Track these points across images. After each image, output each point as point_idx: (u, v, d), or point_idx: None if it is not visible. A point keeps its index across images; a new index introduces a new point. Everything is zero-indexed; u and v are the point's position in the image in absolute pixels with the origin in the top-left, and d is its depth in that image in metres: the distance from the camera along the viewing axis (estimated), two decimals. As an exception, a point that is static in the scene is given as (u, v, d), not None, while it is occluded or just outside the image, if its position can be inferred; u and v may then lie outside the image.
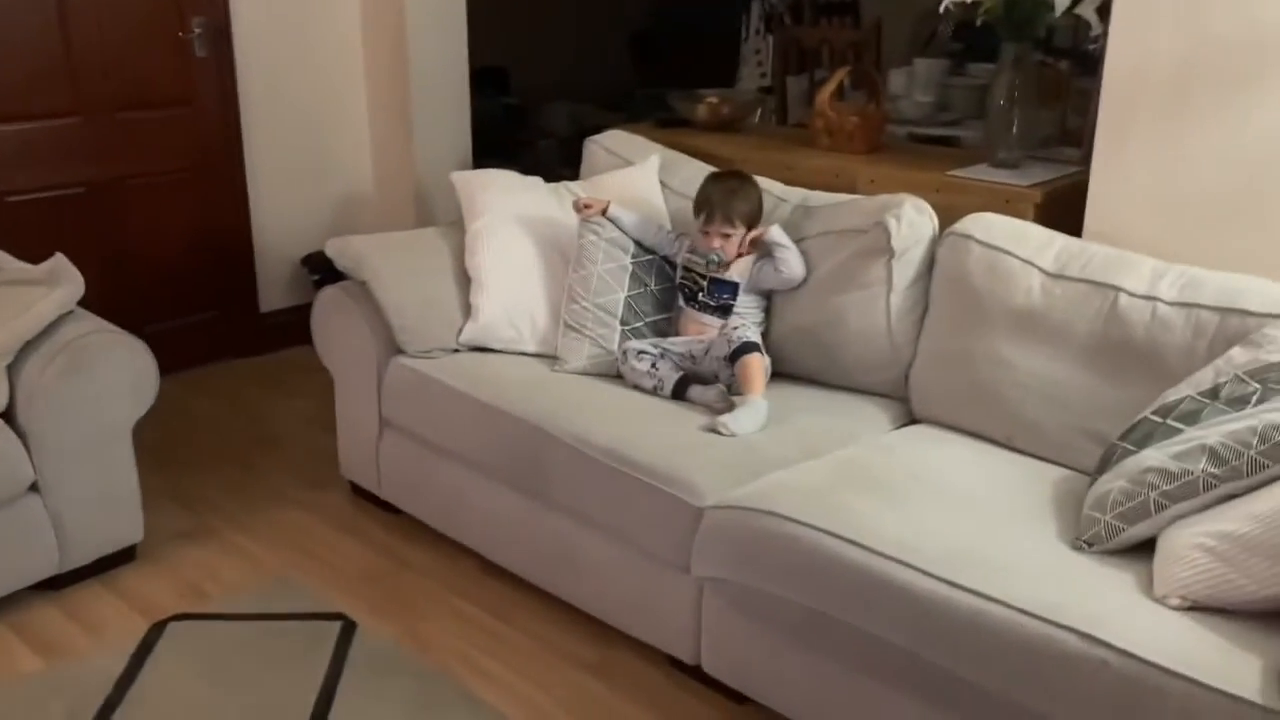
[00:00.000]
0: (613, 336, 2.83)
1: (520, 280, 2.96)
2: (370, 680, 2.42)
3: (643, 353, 2.74)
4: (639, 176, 3.20)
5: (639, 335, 2.85)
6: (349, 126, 4.30)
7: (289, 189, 4.21)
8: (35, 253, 2.84)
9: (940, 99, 4.27)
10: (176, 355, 3.79)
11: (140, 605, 2.70)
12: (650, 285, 2.93)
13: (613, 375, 2.80)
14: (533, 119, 6.09)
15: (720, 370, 2.67)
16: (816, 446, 2.47)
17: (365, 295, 2.96)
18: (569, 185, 3.20)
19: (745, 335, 2.65)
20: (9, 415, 2.57)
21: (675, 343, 2.78)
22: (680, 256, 2.91)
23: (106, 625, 2.63)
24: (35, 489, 2.59)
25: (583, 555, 2.55)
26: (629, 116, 3.84)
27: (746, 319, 2.78)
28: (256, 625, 2.61)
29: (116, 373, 2.67)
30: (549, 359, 2.90)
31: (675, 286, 2.92)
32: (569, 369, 2.84)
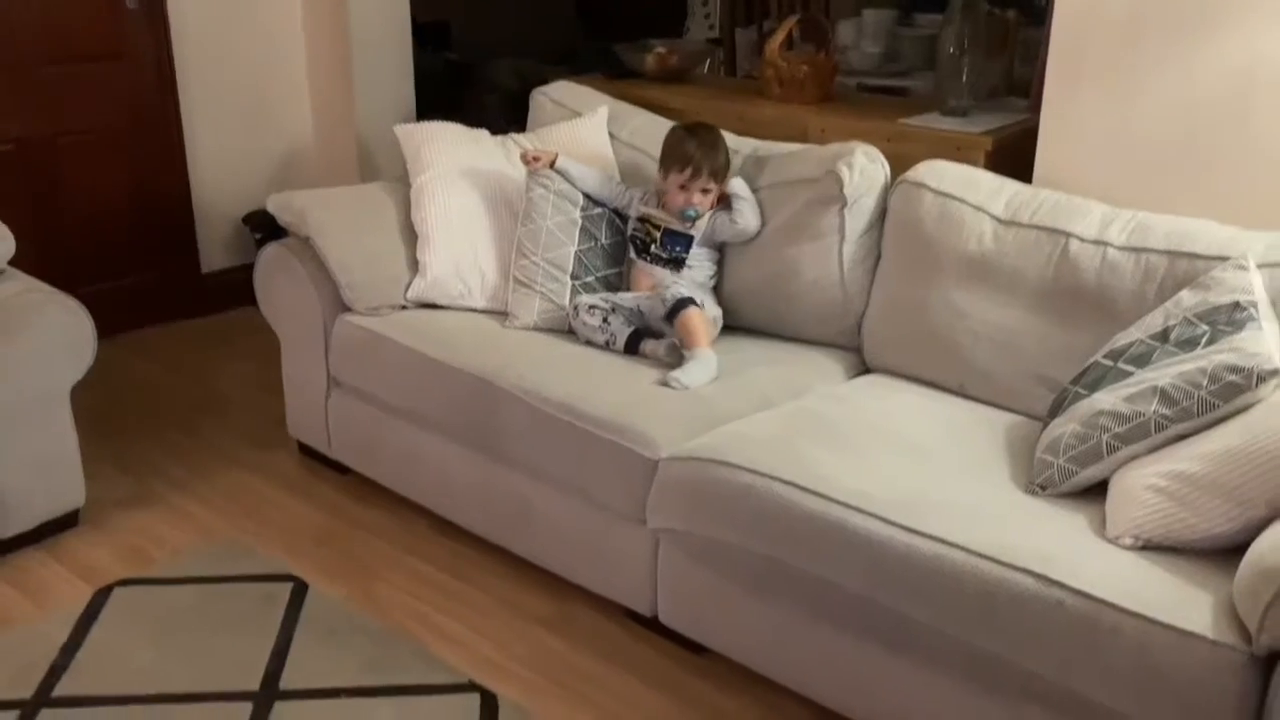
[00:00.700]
0: (563, 292, 2.80)
1: (468, 235, 2.91)
2: (324, 641, 2.39)
3: (594, 307, 2.71)
4: (587, 128, 3.15)
5: (590, 290, 2.82)
6: (288, 80, 4.20)
7: (228, 145, 4.12)
8: (-37, 212, 2.76)
9: (889, 49, 4.26)
10: (116, 317, 3.71)
11: (84, 571, 2.64)
12: (600, 239, 2.89)
13: (564, 331, 2.77)
14: (477, 75, 5.97)
15: (665, 331, 2.65)
16: (770, 397, 2.47)
17: (309, 252, 2.90)
18: (516, 137, 3.14)
19: (678, 293, 2.63)
20: (-60, 379, 2.49)
21: (626, 297, 2.75)
22: (634, 208, 2.87)
23: (49, 592, 2.57)
24: (-30, 455, 2.52)
25: (537, 511, 2.53)
26: (575, 70, 3.77)
27: (697, 272, 2.76)
28: (204, 588, 2.56)
29: (51, 334, 2.59)
30: (499, 315, 2.87)
31: (626, 239, 2.89)
32: (520, 325, 2.81)
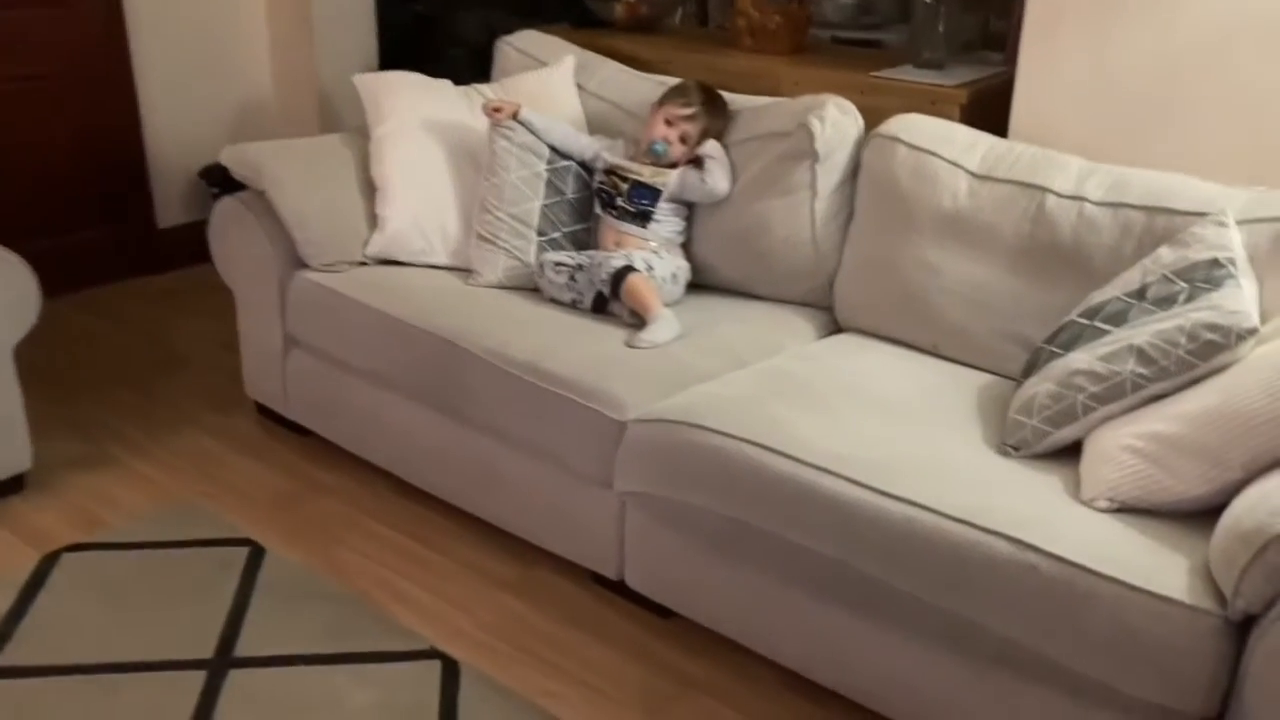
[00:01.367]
0: (529, 248, 2.72)
1: (430, 189, 2.82)
2: (281, 607, 2.33)
3: (560, 265, 2.64)
4: (554, 78, 3.06)
5: (556, 246, 2.74)
6: (245, 28, 4.08)
7: (183, 96, 4.00)
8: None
9: (862, 1, 4.18)
10: (66, 274, 3.61)
11: (30, 536, 2.56)
12: (567, 193, 2.80)
13: (530, 288, 2.70)
14: (442, 27, 5.85)
15: (618, 309, 2.55)
16: (740, 357, 2.42)
17: (265, 207, 2.80)
18: (480, 88, 3.05)
19: (612, 265, 2.53)
20: (-125, 338, 2.39)
21: (595, 255, 2.67)
22: (601, 160, 2.79)
23: (-6, 558, 2.49)
24: (-91, 416, 2.44)
25: (502, 473, 2.47)
26: (545, 21, 3.68)
27: (664, 227, 2.70)
28: (157, 554, 2.49)
29: (-9, 290, 2.49)
30: (462, 272, 2.79)
31: (593, 194, 2.80)
32: (483, 282, 2.73)
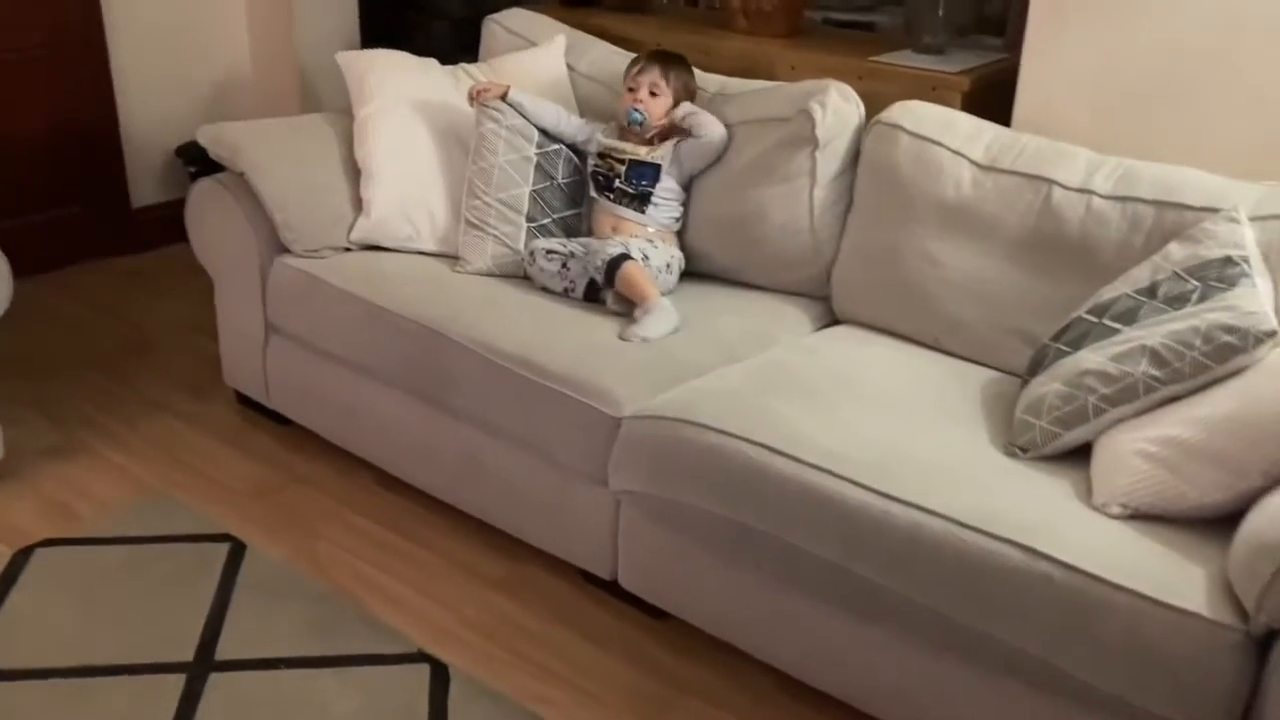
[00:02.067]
0: (518, 235, 2.65)
1: (416, 172, 2.74)
2: (263, 604, 2.27)
3: (552, 252, 2.56)
4: (543, 58, 2.98)
5: (546, 233, 2.67)
6: (223, 1, 3.95)
7: (159, 72, 3.89)
8: None
9: (856, -18, 4.09)
10: (37, 255, 3.51)
11: (1, 530, 2.48)
12: (557, 178, 2.73)
13: (519, 276, 2.63)
14: (425, 2, 5.74)
15: (612, 300, 2.48)
16: (736, 350, 2.36)
17: (245, 189, 2.72)
18: (467, 68, 2.97)
19: (607, 253, 2.46)
20: None
21: (588, 242, 2.59)
22: (594, 143, 2.71)
23: (-37, 553, 2.41)
24: (-127, 405, 2.35)
25: (490, 467, 2.40)
26: (531, 0, 3.60)
27: (662, 212, 2.63)
28: (135, 549, 2.42)
29: (-41, 274, 2.41)
30: (449, 259, 2.71)
31: (586, 178, 2.73)
32: (471, 270, 2.66)
